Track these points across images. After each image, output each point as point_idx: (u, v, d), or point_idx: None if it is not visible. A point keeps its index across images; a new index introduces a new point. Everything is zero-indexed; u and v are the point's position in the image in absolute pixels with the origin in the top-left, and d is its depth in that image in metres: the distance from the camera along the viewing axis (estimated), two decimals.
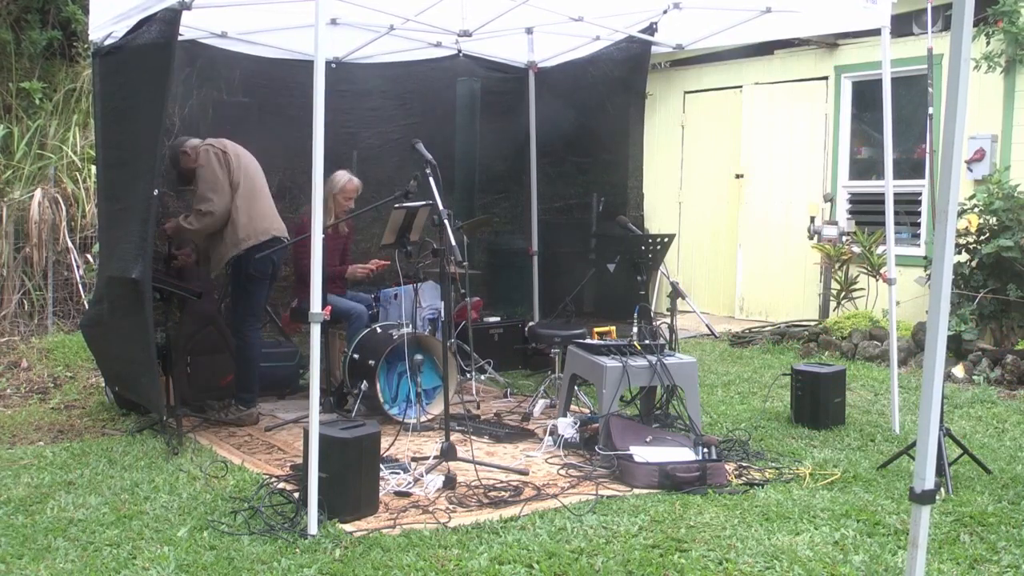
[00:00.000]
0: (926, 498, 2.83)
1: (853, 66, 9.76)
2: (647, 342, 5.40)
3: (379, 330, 6.12)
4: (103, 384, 6.49)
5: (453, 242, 4.99)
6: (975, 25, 2.47)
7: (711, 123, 11.17)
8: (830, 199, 9.96)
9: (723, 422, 6.04)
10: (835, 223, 9.54)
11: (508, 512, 4.27)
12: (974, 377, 7.21)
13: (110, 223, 5.93)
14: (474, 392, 6.64)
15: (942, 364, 2.81)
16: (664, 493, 4.55)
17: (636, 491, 4.58)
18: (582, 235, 8.34)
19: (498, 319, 7.96)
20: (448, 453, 4.90)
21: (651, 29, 7.27)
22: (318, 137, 4.03)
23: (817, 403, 5.89)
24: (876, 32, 5.89)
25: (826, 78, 10.06)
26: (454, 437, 5.01)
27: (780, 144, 10.45)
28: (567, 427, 5.41)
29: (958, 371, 7.34)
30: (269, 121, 7.04)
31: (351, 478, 4.19)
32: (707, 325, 5.92)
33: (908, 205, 9.26)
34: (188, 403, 6.04)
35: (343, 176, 6.42)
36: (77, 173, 8.95)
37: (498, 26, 7.13)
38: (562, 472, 4.94)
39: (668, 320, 6.00)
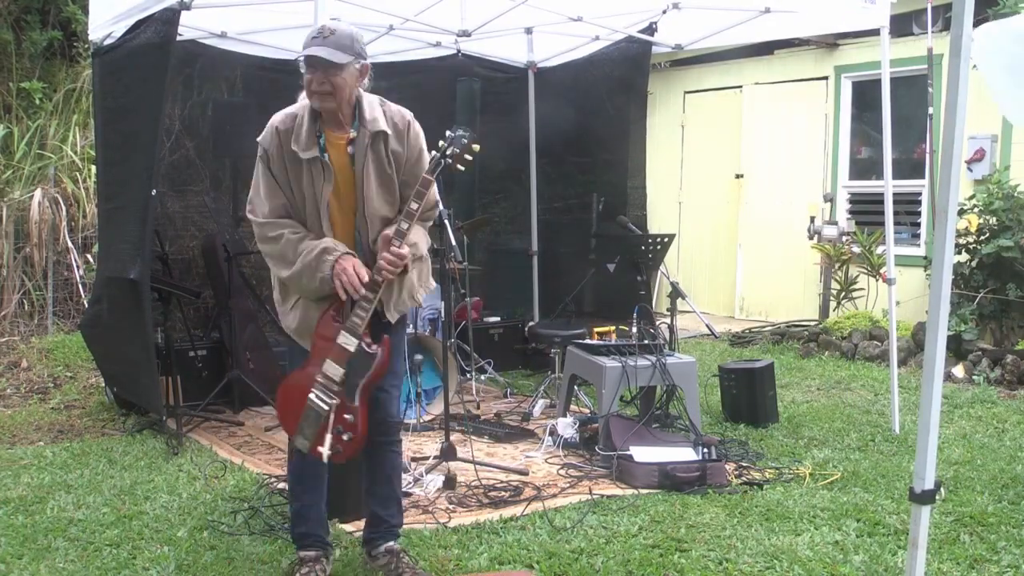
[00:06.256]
0: (926, 498, 2.83)
1: (853, 66, 9.76)
2: (644, 341, 5.39)
3: None
4: (103, 384, 6.49)
5: (453, 242, 4.99)
6: (975, 26, 2.47)
7: (711, 123, 11.17)
8: (830, 199, 9.95)
9: (719, 423, 6.04)
10: (835, 223, 9.53)
11: (508, 512, 4.27)
12: (974, 377, 7.21)
13: (109, 223, 5.93)
14: (474, 392, 6.64)
15: (942, 364, 2.81)
16: (664, 493, 4.55)
17: (636, 491, 4.58)
18: (582, 235, 8.34)
19: (498, 319, 7.96)
20: (448, 453, 4.90)
21: (650, 29, 7.27)
22: None
23: (754, 399, 5.93)
24: (876, 32, 5.89)
25: (826, 78, 10.06)
26: (454, 437, 5.01)
27: (780, 144, 10.44)
28: (567, 427, 5.41)
29: (958, 371, 7.34)
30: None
31: (351, 478, 4.18)
32: (707, 325, 5.92)
33: (908, 205, 9.26)
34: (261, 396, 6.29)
35: None
36: (77, 173, 8.96)
37: (497, 26, 7.13)
38: (562, 472, 4.94)
39: (668, 320, 6.00)
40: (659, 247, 5.93)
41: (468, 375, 6.83)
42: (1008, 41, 2.99)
